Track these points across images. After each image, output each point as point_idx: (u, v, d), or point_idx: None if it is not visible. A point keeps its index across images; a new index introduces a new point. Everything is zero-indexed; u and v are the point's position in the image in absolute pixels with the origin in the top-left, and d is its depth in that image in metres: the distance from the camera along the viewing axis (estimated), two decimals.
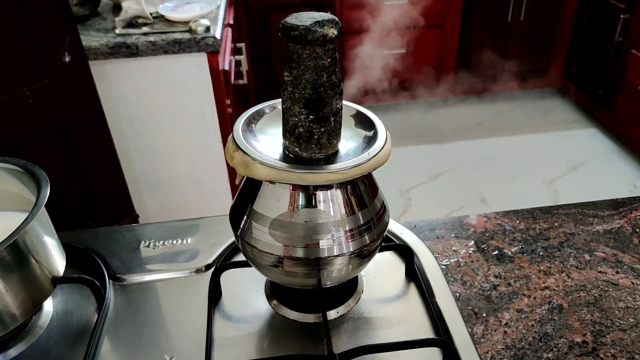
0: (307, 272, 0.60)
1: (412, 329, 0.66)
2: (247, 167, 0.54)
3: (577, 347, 0.66)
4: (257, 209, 0.58)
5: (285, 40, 0.51)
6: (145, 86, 1.72)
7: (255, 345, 0.64)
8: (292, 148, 0.57)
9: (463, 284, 0.76)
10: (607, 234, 0.85)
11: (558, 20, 2.99)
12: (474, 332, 0.68)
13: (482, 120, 3.12)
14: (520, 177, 2.64)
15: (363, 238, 0.59)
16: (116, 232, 0.81)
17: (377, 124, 0.59)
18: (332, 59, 0.52)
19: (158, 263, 0.76)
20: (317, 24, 0.49)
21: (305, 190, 0.56)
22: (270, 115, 0.62)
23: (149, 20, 1.71)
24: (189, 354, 0.63)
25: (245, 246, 0.61)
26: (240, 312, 0.69)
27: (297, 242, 0.57)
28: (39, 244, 0.60)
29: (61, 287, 0.72)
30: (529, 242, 0.84)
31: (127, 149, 1.81)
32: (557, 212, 0.90)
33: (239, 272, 0.74)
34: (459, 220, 0.90)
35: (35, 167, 0.64)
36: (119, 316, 0.68)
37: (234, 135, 0.57)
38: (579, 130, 2.99)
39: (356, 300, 0.69)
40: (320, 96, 0.53)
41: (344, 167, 0.53)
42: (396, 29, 2.52)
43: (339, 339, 0.64)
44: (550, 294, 0.74)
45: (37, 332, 0.66)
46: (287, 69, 0.53)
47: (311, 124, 0.54)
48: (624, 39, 2.61)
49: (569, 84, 3.20)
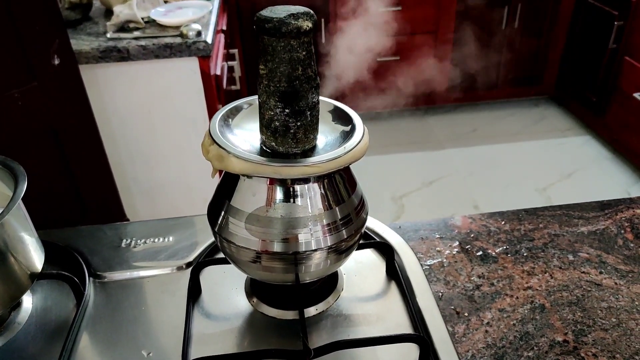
0: (284, 267, 0.59)
1: (391, 326, 0.66)
2: (222, 160, 0.54)
3: (557, 346, 0.66)
4: (234, 204, 0.58)
5: (259, 32, 0.51)
6: (136, 90, 1.72)
7: (234, 341, 0.64)
8: (269, 143, 0.57)
9: (446, 284, 0.76)
10: (591, 235, 0.85)
11: (552, 28, 3.01)
12: (456, 331, 0.68)
13: (476, 128, 3.13)
14: (513, 184, 2.64)
15: (340, 233, 0.59)
16: (98, 230, 0.81)
17: (354, 119, 0.59)
18: (308, 52, 0.52)
19: (139, 261, 0.75)
20: (292, 17, 0.49)
21: (282, 185, 0.56)
22: (247, 110, 0.62)
23: (141, 25, 1.72)
24: (166, 350, 0.62)
25: (223, 242, 0.61)
26: (219, 309, 0.69)
27: (274, 237, 0.57)
28: (15, 239, 0.60)
29: (41, 284, 0.72)
30: (513, 243, 0.84)
31: (117, 154, 1.81)
32: (542, 213, 0.90)
33: (219, 271, 0.74)
34: (443, 222, 0.89)
35: (13, 162, 0.64)
36: (97, 313, 0.68)
37: (210, 129, 0.57)
38: (573, 137, 3.00)
39: (335, 298, 0.69)
40: (296, 89, 0.53)
41: (320, 160, 0.53)
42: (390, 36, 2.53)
43: (317, 335, 0.64)
44: (532, 293, 0.74)
45: (15, 327, 0.65)
46: (262, 62, 0.53)
47: (287, 118, 0.54)
48: (617, 46, 2.62)
49: (562, 91, 3.22)
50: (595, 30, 2.78)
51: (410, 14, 2.86)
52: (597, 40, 2.75)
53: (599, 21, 2.74)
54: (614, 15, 2.60)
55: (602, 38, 2.70)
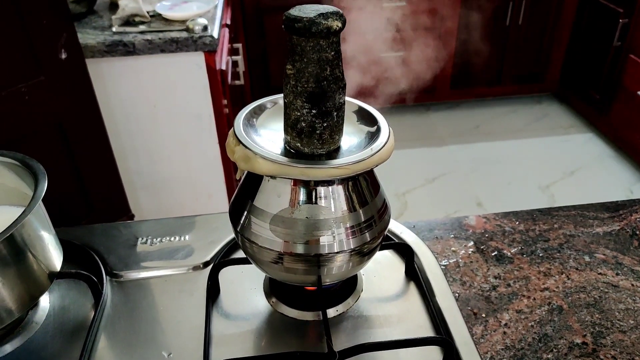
0: (307, 268, 0.59)
1: (412, 327, 0.65)
2: (248, 161, 0.53)
3: (577, 348, 0.66)
4: (258, 205, 0.58)
5: (288, 32, 0.50)
6: (141, 85, 1.71)
7: (254, 342, 0.64)
8: (294, 143, 0.56)
9: (462, 285, 0.76)
10: (607, 236, 0.85)
11: (556, 25, 3.00)
12: (473, 332, 0.68)
13: (479, 124, 3.13)
14: (516, 182, 2.64)
15: (364, 235, 0.58)
16: (113, 229, 0.80)
17: (379, 120, 0.59)
18: (336, 52, 0.52)
19: (155, 260, 0.75)
20: (321, 16, 0.49)
21: (307, 186, 0.56)
22: (271, 110, 0.61)
23: (146, 19, 1.70)
24: (186, 351, 0.62)
25: (245, 242, 0.60)
26: (238, 309, 0.68)
27: (298, 239, 0.57)
28: (36, 239, 0.59)
29: (58, 283, 0.71)
30: (528, 244, 0.84)
31: (122, 148, 1.80)
32: (556, 213, 0.90)
33: (237, 270, 0.73)
34: (458, 221, 0.89)
35: (32, 160, 0.63)
36: (116, 312, 0.67)
37: (234, 130, 0.56)
38: (576, 135, 3.00)
39: (355, 299, 0.68)
40: (324, 90, 0.52)
41: (347, 162, 0.53)
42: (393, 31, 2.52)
43: (337, 337, 0.64)
44: (549, 295, 0.74)
45: (33, 327, 0.65)
46: (290, 62, 0.52)
47: (313, 119, 0.54)
48: (622, 44, 2.62)
49: (565, 88, 3.21)
50: (600, 28, 2.78)
51: (413, 9, 2.85)
52: (602, 38, 2.75)
53: (603, 18, 2.74)
54: (619, 13, 2.60)
55: (606, 35, 2.70)
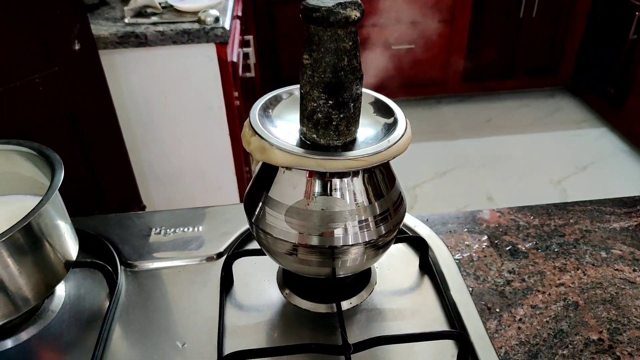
0: (321, 260, 0.59)
1: (426, 321, 0.65)
2: (264, 152, 0.53)
3: (593, 344, 0.65)
4: (273, 196, 0.57)
5: (306, 21, 0.50)
6: (153, 76, 1.72)
7: (267, 333, 0.64)
8: (310, 134, 0.56)
9: (476, 279, 0.75)
10: (624, 231, 0.84)
11: (571, 17, 2.97)
12: (488, 327, 0.67)
13: (490, 118, 3.11)
14: (527, 176, 2.62)
15: (379, 228, 0.58)
16: (127, 219, 0.81)
17: (396, 111, 0.58)
18: (354, 42, 0.51)
19: (169, 250, 0.75)
20: (340, 6, 0.48)
21: (322, 178, 0.55)
22: (287, 101, 0.61)
23: (158, 10, 1.70)
24: (200, 342, 0.62)
25: (260, 233, 0.60)
26: (251, 300, 0.68)
27: (313, 230, 0.56)
28: (52, 228, 0.59)
29: (73, 272, 0.72)
30: (543, 238, 0.83)
31: (134, 139, 1.80)
32: (572, 208, 0.89)
33: (250, 261, 0.73)
34: (471, 215, 0.89)
35: (49, 150, 0.63)
36: (130, 302, 0.67)
37: (250, 121, 0.56)
38: (589, 129, 2.97)
39: (369, 292, 0.68)
40: (341, 80, 0.52)
41: (363, 154, 0.52)
42: (405, 24, 2.51)
43: (351, 329, 0.64)
44: (565, 290, 0.73)
45: (49, 316, 0.65)
46: (306, 52, 0.51)
47: (330, 110, 0.53)
48: (638, 37, 2.59)
49: (579, 82, 3.18)
50: (615, 21, 2.74)
51: (426, 2, 2.83)
52: (617, 31, 2.72)
53: (619, 11, 2.70)
54: (636, 6, 2.56)
55: (622, 28, 2.66)
